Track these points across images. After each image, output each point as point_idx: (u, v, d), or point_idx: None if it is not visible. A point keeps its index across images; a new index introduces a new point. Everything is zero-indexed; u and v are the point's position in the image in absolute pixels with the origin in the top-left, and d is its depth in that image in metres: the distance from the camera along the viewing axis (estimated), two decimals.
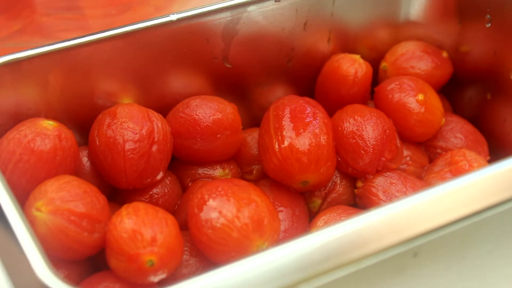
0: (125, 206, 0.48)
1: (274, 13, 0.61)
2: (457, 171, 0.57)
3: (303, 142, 0.54)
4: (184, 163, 0.59)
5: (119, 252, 0.45)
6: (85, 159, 0.56)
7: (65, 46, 0.54)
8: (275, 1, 0.60)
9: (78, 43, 0.54)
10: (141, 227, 0.45)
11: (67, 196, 0.47)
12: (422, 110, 0.60)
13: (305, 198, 0.58)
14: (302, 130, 0.54)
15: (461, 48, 0.67)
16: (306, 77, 0.66)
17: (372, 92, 0.65)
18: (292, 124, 0.55)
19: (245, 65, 0.63)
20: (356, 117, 0.58)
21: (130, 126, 0.53)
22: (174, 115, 0.58)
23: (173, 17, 0.57)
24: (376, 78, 0.67)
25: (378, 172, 0.58)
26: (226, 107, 0.58)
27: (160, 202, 0.56)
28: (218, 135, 0.57)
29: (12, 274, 0.39)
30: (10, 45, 0.74)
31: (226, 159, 0.60)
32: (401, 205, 0.42)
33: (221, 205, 0.48)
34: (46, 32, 0.76)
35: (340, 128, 0.58)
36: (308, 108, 0.56)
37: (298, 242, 0.40)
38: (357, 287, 0.43)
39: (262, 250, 0.44)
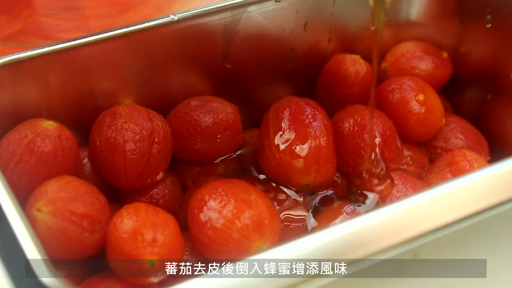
0: (125, 206, 0.48)
1: (274, 14, 0.61)
2: (457, 172, 0.57)
3: (303, 144, 0.54)
4: (184, 163, 0.59)
5: (120, 252, 0.45)
6: (85, 160, 0.56)
7: (65, 47, 0.54)
8: (276, 2, 0.60)
9: (78, 44, 0.54)
10: (141, 227, 0.45)
11: (67, 196, 0.47)
12: (423, 110, 0.60)
13: None
14: (301, 132, 0.54)
15: (461, 49, 0.67)
16: (307, 77, 0.66)
17: None
18: (292, 126, 0.55)
19: (245, 65, 0.63)
20: (356, 117, 0.58)
21: (131, 127, 0.53)
22: (174, 115, 0.59)
23: (174, 17, 0.57)
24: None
25: None
26: (226, 108, 0.58)
27: (160, 202, 0.56)
28: (219, 135, 0.57)
29: (12, 274, 0.39)
30: (11, 45, 0.74)
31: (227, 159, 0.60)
32: (401, 205, 0.42)
33: (221, 206, 0.48)
34: (47, 32, 0.76)
35: (340, 128, 0.58)
36: (307, 110, 0.56)
37: (298, 242, 0.40)
38: (357, 287, 0.43)
39: (263, 250, 0.44)
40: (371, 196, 0.56)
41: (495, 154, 0.64)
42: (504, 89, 0.63)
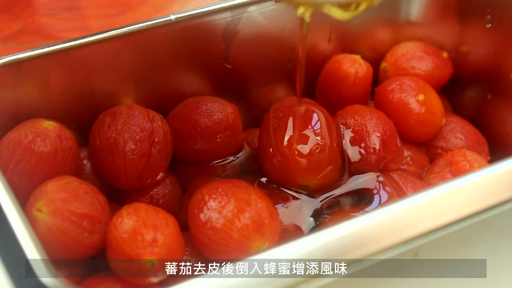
0: (125, 206, 0.48)
1: (274, 14, 0.61)
2: (457, 172, 0.57)
3: (303, 145, 0.53)
4: (184, 163, 0.59)
5: (120, 252, 0.45)
6: (85, 160, 0.56)
7: (65, 47, 0.54)
8: (275, 2, 0.60)
9: (78, 44, 0.54)
10: (141, 227, 0.45)
11: (67, 196, 0.47)
12: (423, 110, 0.60)
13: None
14: (301, 132, 0.54)
15: (461, 49, 0.67)
16: (307, 77, 0.66)
17: (372, 93, 0.65)
18: (292, 126, 0.55)
19: (245, 65, 0.63)
20: (356, 118, 0.58)
21: (131, 127, 0.53)
22: (174, 115, 0.59)
23: (173, 17, 0.57)
24: (377, 79, 0.67)
25: None
26: (226, 108, 0.58)
27: (160, 202, 0.56)
28: (219, 136, 0.57)
29: (12, 274, 0.39)
30: (11, 45, 0.74)
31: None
32: (401, 205, 0.42)
33: (222, 206, 0.48)
34: (47, 32, 0.76)
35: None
36: (308, 110, 0.56)
37: (298, 242, 0.40)
38: (357, 287, 0.43)
39: (263, 250, 0.44)
40: (375, 198, 0.56)
41: (495, 154, 0.64)
42: (504, 89, 0.63)
